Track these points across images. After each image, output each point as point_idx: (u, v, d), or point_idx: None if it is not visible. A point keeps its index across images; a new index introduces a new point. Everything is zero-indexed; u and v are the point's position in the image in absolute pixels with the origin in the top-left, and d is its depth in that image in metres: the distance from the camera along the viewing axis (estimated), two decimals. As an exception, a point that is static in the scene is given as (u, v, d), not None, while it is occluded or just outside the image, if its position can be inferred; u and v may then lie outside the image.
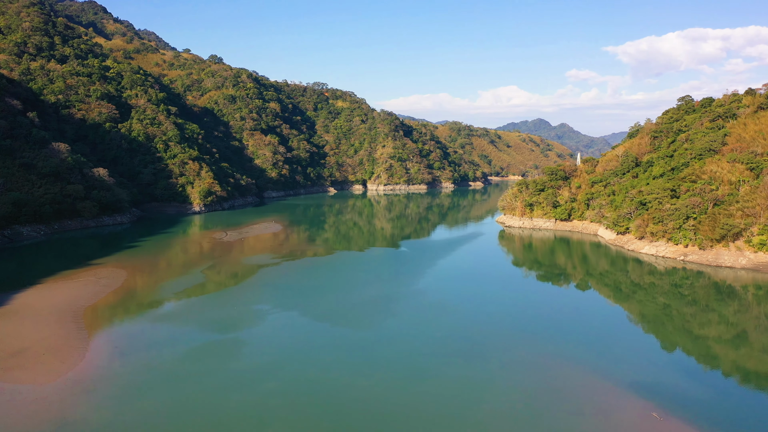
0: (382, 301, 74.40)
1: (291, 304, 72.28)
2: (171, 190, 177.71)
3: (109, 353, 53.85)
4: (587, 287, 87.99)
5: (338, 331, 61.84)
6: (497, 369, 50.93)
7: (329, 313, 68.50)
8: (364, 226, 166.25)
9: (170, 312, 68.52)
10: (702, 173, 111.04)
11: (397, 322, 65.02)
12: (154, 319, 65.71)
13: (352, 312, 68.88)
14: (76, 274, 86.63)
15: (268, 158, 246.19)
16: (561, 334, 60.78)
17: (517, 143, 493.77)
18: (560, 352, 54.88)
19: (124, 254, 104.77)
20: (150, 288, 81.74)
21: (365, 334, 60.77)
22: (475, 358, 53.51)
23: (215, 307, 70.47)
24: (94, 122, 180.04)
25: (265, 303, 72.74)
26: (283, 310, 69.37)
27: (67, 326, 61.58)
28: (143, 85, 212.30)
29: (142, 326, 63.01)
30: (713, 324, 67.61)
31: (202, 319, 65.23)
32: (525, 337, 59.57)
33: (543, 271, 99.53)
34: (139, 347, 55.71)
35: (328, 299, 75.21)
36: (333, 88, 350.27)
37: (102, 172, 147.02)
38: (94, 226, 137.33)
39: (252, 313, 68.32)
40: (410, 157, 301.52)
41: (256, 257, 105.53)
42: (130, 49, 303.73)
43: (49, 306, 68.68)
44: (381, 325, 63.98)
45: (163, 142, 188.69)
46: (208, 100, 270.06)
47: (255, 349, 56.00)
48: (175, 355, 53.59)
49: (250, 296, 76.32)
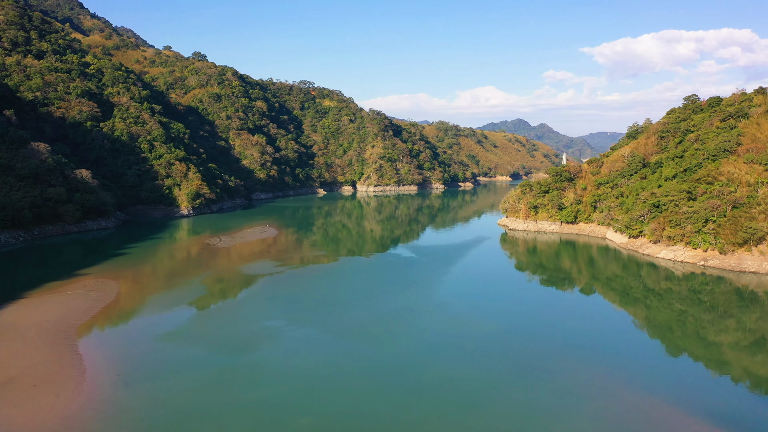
0: (403, 314, 68.69)
1: (305, 319, 66.12)
2: (157, 192, 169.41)
3: (110, 383, 47.23)
4: (613, 297, 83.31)
5: (365, 351, 55.97)
6: (561, 393, 45.47)
7: (350, 329, 62.56)
8: (362, 230, 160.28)
9: (174, 330, 61.77)
10: (718, 174, 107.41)
11: (427, 339, 59.35)
12: (157, 338, 58.98)
13: (375, 328, 62.99)
14: (62, 286, 79.23)
15: (256, 159, 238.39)
16: (608, 350, 56.16)
17: (504, 143, 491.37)
18: (617, 372, 49.81)
19: (114, 263, 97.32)
20: (147, 302, 74.77)
21: (395, 353, 54.97)
22: (529, 380, 48.07)
23: (223, 324, 63.96)
24: (74, 121, 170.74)
25: (276, 318, 66.48)
26: (299, 327, 63.19)
27: (59, 349, 54.69)
28: (125, 82, 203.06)
29: (144, 348, 56.27)
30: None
31: (210, 339, 58.77)
32: (574, 354, 54.41)
33: (561, 277, 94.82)
34: (143, 375, 49.13)
35: (344, 313, 69.21)
36: (320, 87, 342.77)
37: (85, 174, 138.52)
38: (77, 231, 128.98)
39: (264, 331, 61.98)
40: (400, 157, 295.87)
41: (255, 265, 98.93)
42: (110, 46, 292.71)
43: (36, 325, 61.53)
44: (411, 343, 58.23)
45: (148, 142, 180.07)
46: (192, 98, 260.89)
47: (276, 375, 49.81)
48: (187, 385, 47.19)
49: (258, 311, 69.95)
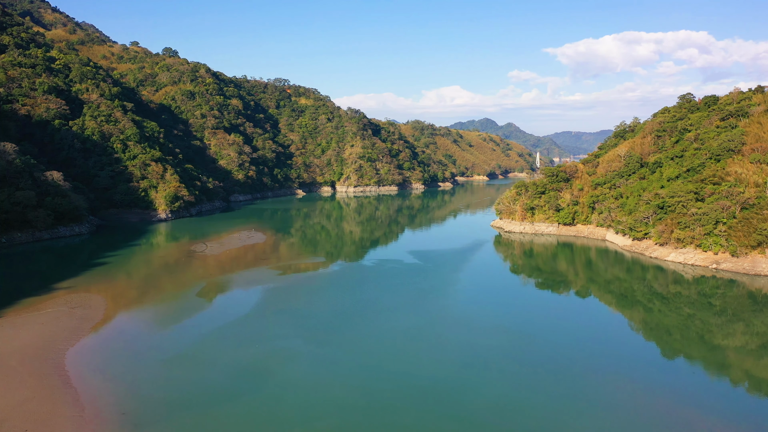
0: (426, 329, 63.29)
1: (322, 337, 60.03)
2: (132, 195, 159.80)
3: (115, 424, 40.49)
4: (632, 303, 79.47)
5: (398, 372, 50.35)
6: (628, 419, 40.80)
7: (375, 347, 56.82)
8: (353, 235, 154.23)
9: (180, 354, 54.82)
10: (725, 175, 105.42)
11: (464, 359, 53.89)
12: (162, 364, 52.07)
13: (401, 345, 57.36)
14: (41, 302, 71.19)
15: (233, 159, 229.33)
16: (645, 360, 53.06)
17: (479, 142, 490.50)
18: (665, 387, 45.56)
19: (95, 274, 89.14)
20: (141, 319, 67.41)
21: (434, 374, 49.52)
22: (591, 405, 43.28)
23: (233, 345, 57.32)
24: (41, 119, 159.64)
25: (290, 337, 60.17)
26: (317, 347, 57.08)
27: (50, 382, 47.45)
28: (94, 78, 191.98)
29: (148, 376, 49.38)
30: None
31: (223, 364, 52.20)
32: (616, 367, 49.93)
33: (575, 284, 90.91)
34: (153, 413, 42.48)
35: (363, 328, 63.40)
36: (295, 85, 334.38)
37: (56, 176, 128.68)
38: (49, 238, 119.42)
39: (281, 352, 55.63)
40: (380, 157, 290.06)
41: (251, 274, 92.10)
42: (74, 40, 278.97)
43: (20, 351, 53.93)
44: (445, 361, 52.85)
45: (121, 141, 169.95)
46: (164, 95, 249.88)
47: (306, 409, 43.74)
48: (205, 425, 40.77)
49: (268, 328, 63.49)
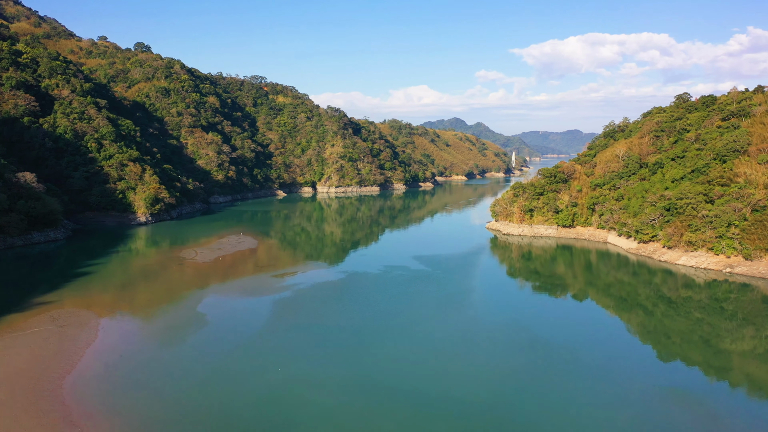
0: (459, 344, 58.68)
1: (344, 360, 54.35)
2: (109, 197, 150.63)
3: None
4: (648, 309, 76.32)
5: (448, 402, 45.34)
6: None
7: (413, 371, 51.73)
8: (348, 239, 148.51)
9: (197, 383, 48.31)
10: (734, 176, 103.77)
11: (515, 382, 49.37)
12: (178, 398, 45.70)
13: (441, 372, 52.23)
14: (25, 320, 63.90)
15: (212, 159, 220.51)
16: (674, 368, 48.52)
17: (456, 142, 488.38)
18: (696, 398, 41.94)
19: (79, 285, 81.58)
20: (141, 339, 60.71)
21: (486, 401, 44.72)
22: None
23: (251, 370, 51.33)
24: (9, 116, 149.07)
25: (311, 360, 54.17)
26: (345, 372, 51.41)
27: (50, 421, 40.98)
28: (65, 73, 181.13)
29: (161, 408, 43.22)
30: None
31: (243, 393, 46.34)
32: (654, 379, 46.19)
33: (592, 290, 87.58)
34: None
35: (390, 349, 57.93)
36: (273, 83, 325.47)
37: (29, 177, 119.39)
38: (22, 244, 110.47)
39: (308, 378, 49.83)
40: (361, 157, 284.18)
41: (251, 282, 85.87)
42: (39, 34, 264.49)
43: (9, 380, 47.11)
44: (497, 386, 48.14)
45: (96, 140, 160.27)
46: (137, 92, 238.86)
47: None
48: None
49: (283, 348, 57.61)
